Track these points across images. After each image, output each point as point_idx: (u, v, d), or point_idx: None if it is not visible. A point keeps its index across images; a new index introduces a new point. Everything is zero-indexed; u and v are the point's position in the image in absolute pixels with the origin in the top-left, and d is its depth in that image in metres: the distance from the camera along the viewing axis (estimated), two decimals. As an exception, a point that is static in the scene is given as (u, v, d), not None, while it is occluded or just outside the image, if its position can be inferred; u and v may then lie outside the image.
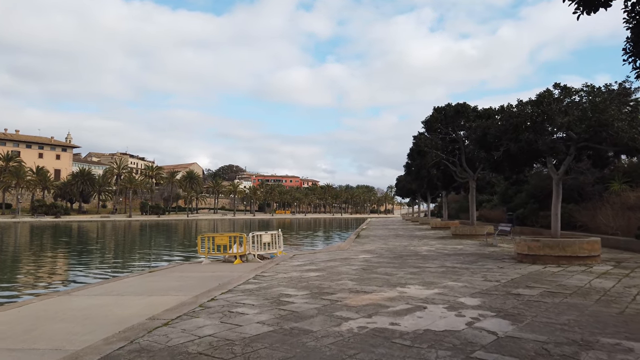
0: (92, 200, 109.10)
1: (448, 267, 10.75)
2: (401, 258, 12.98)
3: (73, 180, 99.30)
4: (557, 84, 12.59)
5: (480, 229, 22.11)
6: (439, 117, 23.09)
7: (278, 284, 8.49)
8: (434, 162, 22.15)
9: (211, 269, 13.68)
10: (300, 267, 11.28)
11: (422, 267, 10.94)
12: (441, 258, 12.95)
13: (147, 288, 10.16)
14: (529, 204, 28.63)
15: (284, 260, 13.03)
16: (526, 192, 30.87)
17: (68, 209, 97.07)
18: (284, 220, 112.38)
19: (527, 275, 9.34)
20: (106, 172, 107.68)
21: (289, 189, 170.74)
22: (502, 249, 15.78)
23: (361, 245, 18.59)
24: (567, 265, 10.91)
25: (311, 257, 13.51)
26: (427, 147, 21.49)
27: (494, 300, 6.79)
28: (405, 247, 17.74)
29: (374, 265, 11.39)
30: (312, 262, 12.36)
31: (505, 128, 12.89)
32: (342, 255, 14.09)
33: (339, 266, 11.18)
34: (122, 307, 7.55)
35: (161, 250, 29.14)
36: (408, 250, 16.15)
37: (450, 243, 19.40)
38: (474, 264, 11.40)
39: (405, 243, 20.00)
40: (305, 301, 6.70)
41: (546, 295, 7.15)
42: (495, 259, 12.73)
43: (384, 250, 16.20)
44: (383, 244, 19.43)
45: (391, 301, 6.68)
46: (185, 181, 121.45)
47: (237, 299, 6.96)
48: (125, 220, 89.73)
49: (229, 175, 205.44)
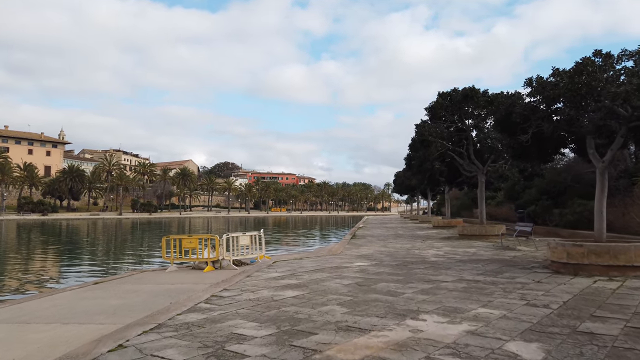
0: (82, 198, 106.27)
1: (469, 282, 8.25)
2: (406, 267, 10.49)
3: (62, 176, 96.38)
4: (598, 51, 10.10)
5: (491, 228, 19.64)
6: (444, 104, 20.58)
7: (235, 312, 5.96)
8: (439, 153, 19.65)
9: (173, 279, 11.20)
10: (276, 280, 8.76)
11: (434, 280, 8.44)
12: (456, 267, 10.46)
13: (73, 310, 7.73)
14: (540, 201, 26.18)
15: (260, 269, 10.52)
16: (537, 187, 28.39)
17: (56, 206, 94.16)
18: (279, 218, 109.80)
19: (581, 296, 6.86)
20: (96, 169, 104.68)
21: (285, 186, 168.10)
22: (523, 254, 13.30)
23: (357, 248, 16.09)
24: (621, 277, 8.43)
25: (294, 266, 10.99)
26: (432, 136, 18.99)
27: (563, 348, 4.30)
28: (408, 250, 15.25)
29: (372, 278, 8.88)
30: (294, 272, 9.85)
31: (533, 106, 10.41)
32: (333, 263, 11.59)
33: (326, 280, 8.67)
34: (4, 346, 5.13)
35: (142, 251, 26.57)
36: (412, 254, 13.66)
37: (459, 245, 16.93)
38: (501, 276, 8.91)
39: (408, 245, 17.52)
40: (264, 353, 4.19)
41: (635, 336, 4.67)
42: (522, 267, 10.24)
43: (384, 254, 13.70)
44: (382, 247, 16.94)
45: (401, 352, 4.18)
46: (178, 178, 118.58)
47: (157, 346, 4.44)
48: (115, 218, 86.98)
49: (225, 172, 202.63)
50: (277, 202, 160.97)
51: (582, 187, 23.51)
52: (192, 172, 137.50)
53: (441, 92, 20.94)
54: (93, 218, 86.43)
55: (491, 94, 19.76)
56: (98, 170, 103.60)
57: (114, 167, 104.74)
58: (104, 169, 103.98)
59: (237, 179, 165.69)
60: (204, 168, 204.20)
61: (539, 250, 14.01)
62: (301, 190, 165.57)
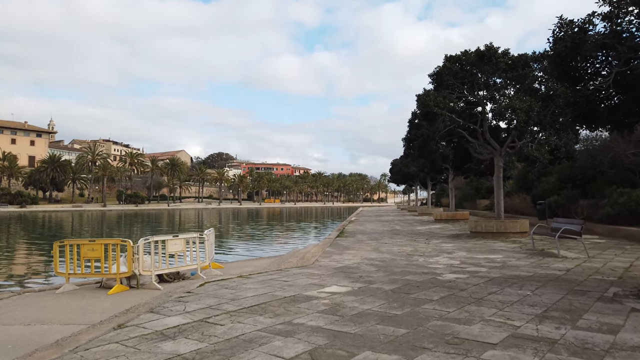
0: (67, 189, 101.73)
1: (534, 342, 4.17)
2: (408, 297, 6.41)
3: (42, 167, 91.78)
4: None
5: (512, 224, 15.60)
6: (453, 69, 16.45)
7: None
8: (447, 129, 15.52)
9: (48, 310, 7.24)
10: (161, 340, 4.68)
11: (464, 339, 4.37)
12: (489, 295, 6.39)
13: None
14: (564, 190, 22.13)
15: (170, 300, 6.43)
16: (558, 174, 24.31)
17: (37, 198, 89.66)
18: (272, 209, 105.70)
19: None
20: (79, 159, 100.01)
21: (280, 177, 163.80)
22: (576, 265, 9.25)
23: (339, 254, 12.02)
24: None
25: (225, 295, 6.84)
26: (439, 107, 14.85)
27: None
28: (408, 257, 11.20)
29: (345, 333, 4.81)
30: (209, 317, 5.76)
31: (619, 31, 6.34)
32: (293, 286, 7.51)
33: (254, 344, 4.59)
34: None
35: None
36: (416, 266, 9.61)
37: (476, 247, 12.89)
38: (583, 323, 4.84)
39: (408, 247, 13.48)
40: None
41: None
42: (601, 297, 6.17)
43: (375, 267, 9.64)
44: (374, 250, 12.89)
45: None
46: (167, 168, 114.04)
47: None
48: (98, 210, 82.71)
49: (219, 163, 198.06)
50: (271, 193, 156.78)
51: (618, 173, 19.49)
52: (184, 162, 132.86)
53: (449, 55, 16.78)
54: (75, 210, 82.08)
55: (514, 56, 15.65)
56: (81, 160, 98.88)
57: (98, 156, 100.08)
58: (86, 158, 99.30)
59: (231, 170, 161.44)
60: (197, 159, 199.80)
61: (593, 258, 9.99)
62: (295, 181, 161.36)
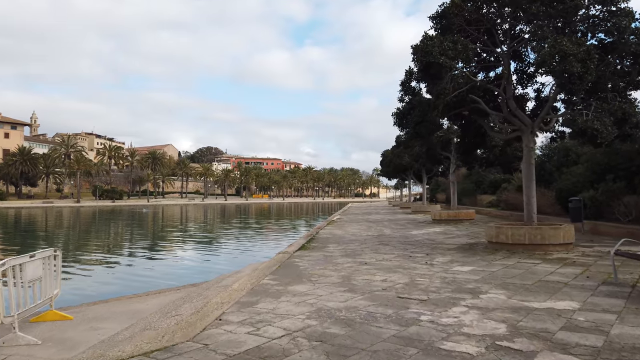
0: (42, 184, 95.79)
1: None
2: None
3: (11, 160, 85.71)
4: None
5: (553, 232, 10.57)
6: (465, 9, 11.39)
7: None
8: (459, 91, 10.42)
9: None
10: None
11: None
12: None
13: None
14: (602, 183, 17.19)
15: None
16: (588, 163, 19.35)
17: (4, 193, 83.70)
18: (259, 205, 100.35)
19: None
20: (52, 152, 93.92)
21: (270, 171, 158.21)
22: None
23: (275, 298, 6.90)
24: None
25: None
26: (446, 55, 9.76)
27: None
28: (400, 312, 6.09)
29: None
30: None
31: None
32: None
33: None
34: None
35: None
36: (416, 349, 4.50)
37: (512, 277, 7.81)
38: None
39: (400, 279, 8.38)
40: None
41: None
42: None
43: (341, 336, 4.51)
44: (340, 287, 7.79)
45: None
46: (148, 162, 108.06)
47: None
48: (68, 207, 77.03)
49: (208, 157, 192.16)
50: (260, 189, 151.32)
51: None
52: (170, 156, 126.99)
53: (459, -10, 11.67)
54: (45, 206, 76.33)
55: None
56: (54, 154, 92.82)
57: (72, 149, 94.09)
58: (59, 151, 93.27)
59: (220, 164, 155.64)
60: (186, 153, 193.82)
61: None
62: (284, 176, 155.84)
